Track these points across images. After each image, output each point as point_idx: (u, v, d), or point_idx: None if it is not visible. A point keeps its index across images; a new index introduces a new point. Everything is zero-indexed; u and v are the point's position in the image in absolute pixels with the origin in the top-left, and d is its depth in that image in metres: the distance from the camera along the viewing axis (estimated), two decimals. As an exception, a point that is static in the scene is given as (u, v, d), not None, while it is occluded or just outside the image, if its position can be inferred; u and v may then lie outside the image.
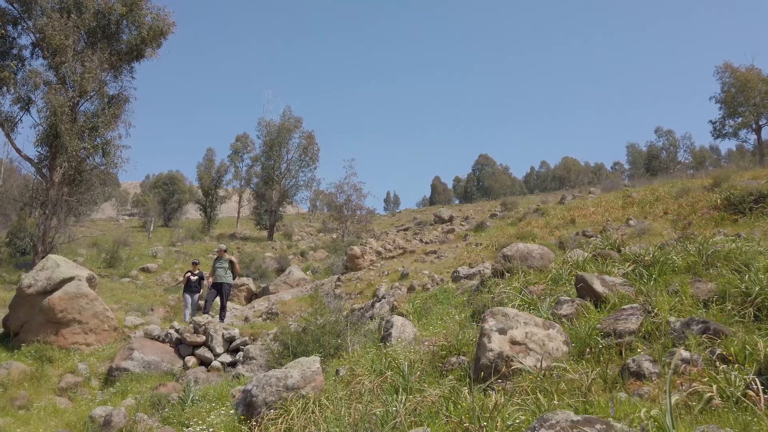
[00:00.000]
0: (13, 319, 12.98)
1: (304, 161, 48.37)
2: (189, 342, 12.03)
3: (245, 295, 21.60)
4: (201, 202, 51.77)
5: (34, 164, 25.30)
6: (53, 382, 10.85)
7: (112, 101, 26.42)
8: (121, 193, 68.89)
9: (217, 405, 7.75)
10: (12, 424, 8.78)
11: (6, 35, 25.13)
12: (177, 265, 27.00)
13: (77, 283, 12.74)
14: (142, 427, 7.74)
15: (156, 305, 18.21)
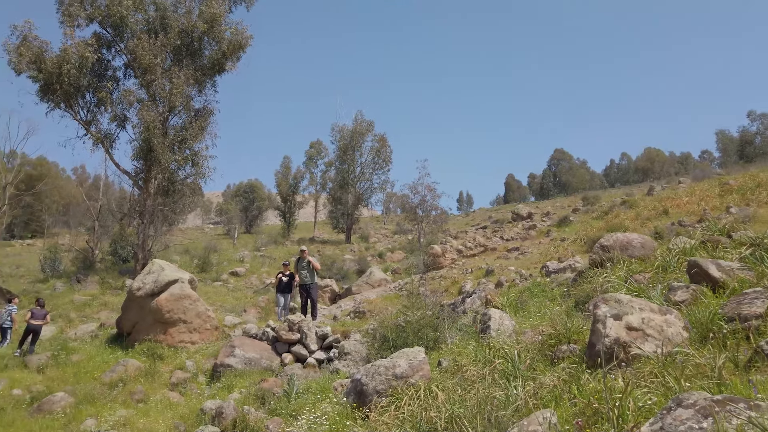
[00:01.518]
0: (125, 320, 13.99)
1: (378, 164, 48.97)
2: (284, 340, 12.46)
3: (329, 296, 22.16)
4: (280, 208, 53.56)
5: (131, 177, 27.12)
6: (165, 377, 11.59)
7: (198, 114, 27.86)
8: (205, 203, 72.38)
9: (321, 397, 8.00)
10: (135, 415, 9.46)
11: (102, 58, 27.12)
12: (263, 268, 28.07)
13: (181, 285, 13.55)
14: (252, 418, 8.11)
15: (248, 306, 19.01)
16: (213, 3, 26.85)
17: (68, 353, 13.32)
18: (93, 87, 26.58)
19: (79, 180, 61.99)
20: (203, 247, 32.14)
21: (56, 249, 30.33)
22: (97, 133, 26.73)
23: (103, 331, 15.64)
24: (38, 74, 24.88)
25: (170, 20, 26.98)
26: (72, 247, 34.57)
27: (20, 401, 10.94)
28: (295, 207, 53.44)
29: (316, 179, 56.23)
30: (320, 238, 49.48)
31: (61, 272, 27.79)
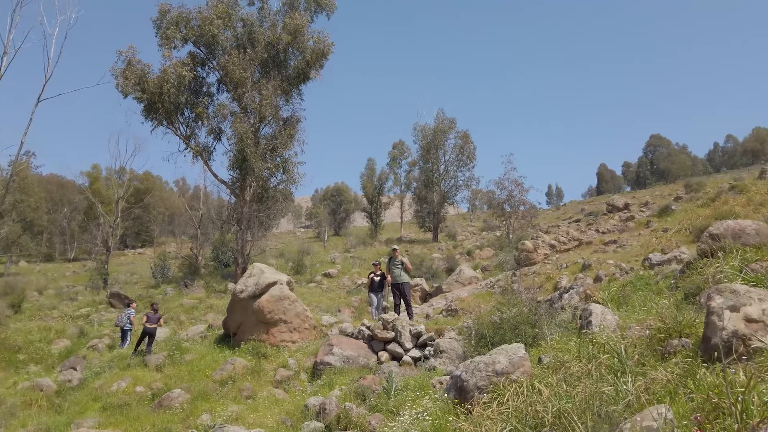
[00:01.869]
0: (230, 321, 14.84)
1: (461, 161, 48.55)
2: (380, 338, 12.69)
3: (420, 294, 22.26)
4: (366, 210, 54.51)
5: (228, 186, 28.69)
6: (270, 375, 12.18)
7: (287, 123, 28.97)
8: (295, 208, 75.05)
9: (420, 394, 8.09)
10: (245, 411, 10.03)
11: (197, 76, 28.88)
12: (354, 269, 28.71)
13: (280, 286, 14.18)
14: (354, 414, 8.34)
15: (342, 306, 19.53)
16: (296, 15, 27.84)
17: (182, 353, 14.34)
18: (190, 103, 28.39)
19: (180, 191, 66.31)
20: (296, 251, 33.37)
21: (164, 257, 32.67)
22: (196, 147, 28.54)
23: (211, 331, 16.68)
24: (142, 95, 26.94)
25: (257, 35, 28.26)
26: (178, 254, 37.11)
27: (143, 397, 11.92)
28: (381, 208, 54.18)
29: (401, 179, 56.70)
30: (407, 237, 49.81)
31: (170, 278, 29.90)
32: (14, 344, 17.67)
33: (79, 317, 22.39)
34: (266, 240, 37.49)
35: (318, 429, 8.56)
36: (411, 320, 13.45)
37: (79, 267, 47.28)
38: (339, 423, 8.34)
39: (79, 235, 59.68)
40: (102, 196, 49.41)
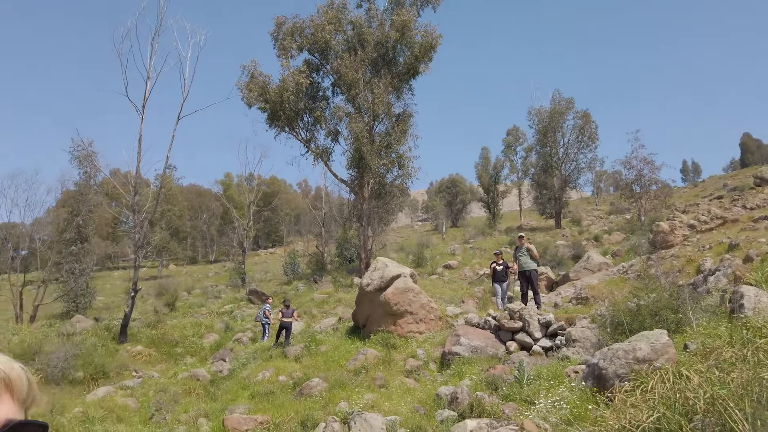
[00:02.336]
0: (359, 313, 15.46)
1: (582, 142, 46.21)
2: (507, 328, 12.55)
3: (546, 283, 21.62)
4: (483, 200, 53.77)
5: (347, 184, 29.78)
6: (400, 365, 12.53)
7: (399, 119, 29.42)
8: (411, 202, 75.93)
9: (554, 383, 7.93)
10: (379, 399, 10.44)
11: (313, 82, 30.23)
12: (474, 260, 28.53)
13: (404, 279, 14.52)
14: (487, 403, 8.36)
15: (465, 297, 19.53)
16: (402, 11, 28.17)
17: (317, 344, 15.20)
18: (309, 109, 29.83)
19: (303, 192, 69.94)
20: (416, 244, 33.84)
21: (294, 255, 34.70)
22: (316, 149, 29.95)
23: (342, 324, 17.49)
24: (265, 105, 28.78)
25: (366, 35, 28.98)
26: (305, 252, 39.19)
27: (285, 386, 12.81)
28: (498, 197, 53.17)
29: (517, 166, 55.19)
30: (528, 225, 48.45)
31: (300, 274, 31.70)
32: (172, 338, 19.78)
33: (224, 313, 24.51)
34: (386, 235, 38.43)
35: (451, 417, 8.69)
36: (539, 309, 13.15)
37: (220, 268, 51.57)
38: (472, 411, 8.40)
39: (217, 239, 65.17)
40: (235, 202, 53.46)
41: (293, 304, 22.70)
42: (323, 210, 40.91)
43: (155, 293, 31.12)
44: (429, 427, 8.75)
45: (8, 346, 16.23)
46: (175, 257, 61.36)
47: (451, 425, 7.78)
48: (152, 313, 25.39)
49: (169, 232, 51.97)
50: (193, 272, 50.67)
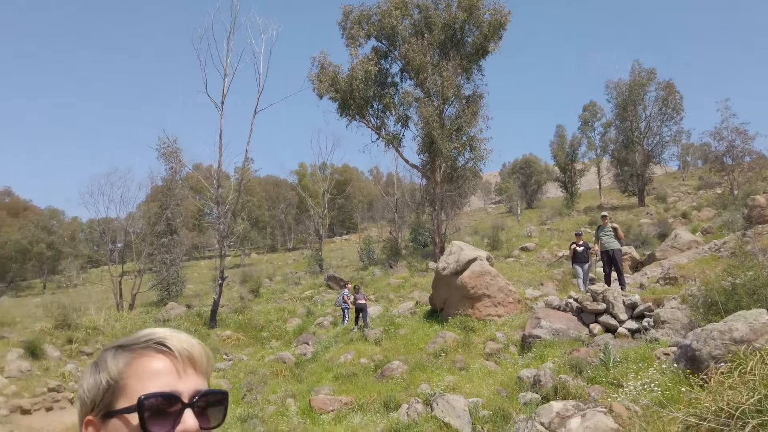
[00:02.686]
0: (436, 297, 15.55)
1: (666, 114, 43.64)
2: (590, 310, 12.21)
3: (630, 264, 20.77)
4: (560, 180, 52.10)
5: (419, 169, 29.80)
6: (479, 348, 12.54)
7: (469, 101, 29.02)
8: (484, 184, 74.85)
9: (643, 365, 7.68)
10: (460, 381, 10.51)
11: (381, 68, 30.33)
12: (552, 241, 27.82)
13: (480, 262, 14.43)
14: (571, 385, 8.23)
15: (544, 279, 19.13)
16: (469, -10, 27.63)
17: (395, 328, 15.46)
18: (378, 96, 30.00)
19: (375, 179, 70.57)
20: (490, 227, 33.41)
21: (368, 241, 35.23)
22: (386, 136, 30.13)
23: (419, 308, 17.65)
24: (335, 94, 29.23)
25: (433, 18, 28.67)
26: (380, 238, 39.70)
27: (367, 368, 13.15)
28: (575, 176, 51.30)
29: (595, 143, 52.93)
30: (608, 204, 46.55)
31: (376, 260, 32.18)
32: (258, 323, 20.73)
33: (305, 299, 25.35)
34: (459, 218, 38.16)
35: (535, 400, 8.63)
36: (623, 290, 12.70)
37: (298, 255, 53.24)
38: (556, 394, 8.29)
39: (294, 227, 67.23)
40: (309, 191, 54.82)
41: (370, 289, 23.16)
42: (395, 196, 41.17)
43: (240, 280, 32.64)
44: (512, 409, 8.73)
45: (112, 332, 17.61)
46: (256, 246, 63.95)
47: (534, 407, 7.73)
48: (238, 299, 26.68)
49: (249, 222, 54.13)
50: (273, 260, 52.63)
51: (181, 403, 0.89)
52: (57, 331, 16.37)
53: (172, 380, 0.90)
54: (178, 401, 0.89)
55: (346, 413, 10.57)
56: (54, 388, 12.42)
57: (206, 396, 0.92)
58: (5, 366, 13.02)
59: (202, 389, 0.92)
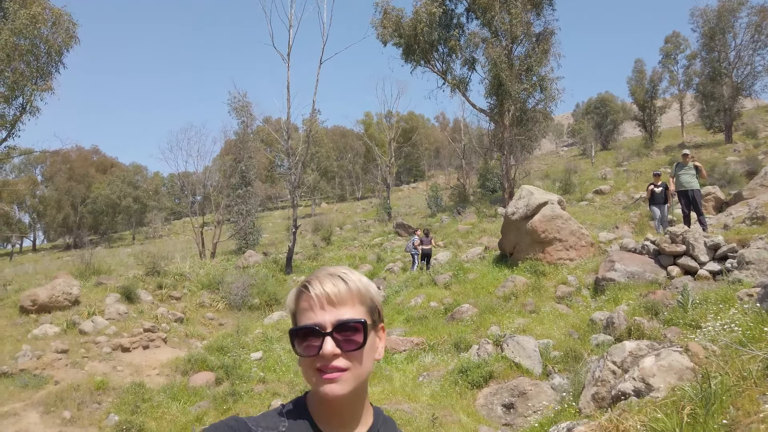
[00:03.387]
0: (505, 242, 15.46)
1: (759, 42, 39.79)
2: (668, 252, 11.78)
3: (713, 204, 19.64)
4: (638, 118, 49.29)
5: (486, 113, 29.05)
6: (550, 291, 12.46)
7: (539, 39, 27.64)
8: (556, 126, 71.99)
9: (723, 307, 7.42)
10: (530, 323, 10.56)
11: (446, 10, 29.32)
12: (629, 183, 26.68)
13: (551, 206, 14.14)
14: (646, 327, 8.10)
15: (619, 223, 18.51)
16: None
17: (464, 273, 15.58)
18: (443, 39, 29.14)
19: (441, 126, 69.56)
20: (562, 170, 32.39)
21: (436, 188, 35.14)
22: (452, 80, 29.41)
23: (488, 253, 17.64)
24: (399, 40, 28.64)
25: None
26: (447, 185, 39.48)
27: (437, 311, 13.42)
28: (655, 113, 48.25)
29: (678, 77, 49.29)
30: (691, 142, 43.77)
31: (444, 207, 32.17)
32: (331, 270, 21.42)
33: (374, 246, 25.89)
34: (529, 163, 37.15)
35: (607, 341, 8.57)
36: (705, 231, 12.11)
37: (366, 204, 53.99)
38: (630, 336, 8.19)
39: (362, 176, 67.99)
40: (376, 140, 54.93)
41: (438, 236, 23.28)
42: (462, 142, 40.51)
43: (312, 229, 33.67)
44: (583, 350, 8.73)
45: (197, 278, 18.80)
46: (325, 196, 65.36)
47: (606, 349, 7.69)
48: (311, 247, 27.63)
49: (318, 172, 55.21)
50: (342, 209, 53.68)
51: (321, 333, 1.10)
52: (148, 277, 17.67)
53: (314, 316, 1.12)
54: (317, 332, 1.10)
55: (417, 353, 10.93)
56: (149, 328, 13.54)
57: (342, 326, 1.11)
58: (105, 309, 14.28)
59: (340, 320, 1.11)
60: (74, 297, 14.29)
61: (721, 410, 3.73)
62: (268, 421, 1.18)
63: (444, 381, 8.91)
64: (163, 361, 12.56)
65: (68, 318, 13.43)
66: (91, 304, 14.39)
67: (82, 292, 14.87)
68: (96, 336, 12.81)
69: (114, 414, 9.98)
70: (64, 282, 14.53)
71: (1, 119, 17.41)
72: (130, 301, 15.29)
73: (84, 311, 13.94)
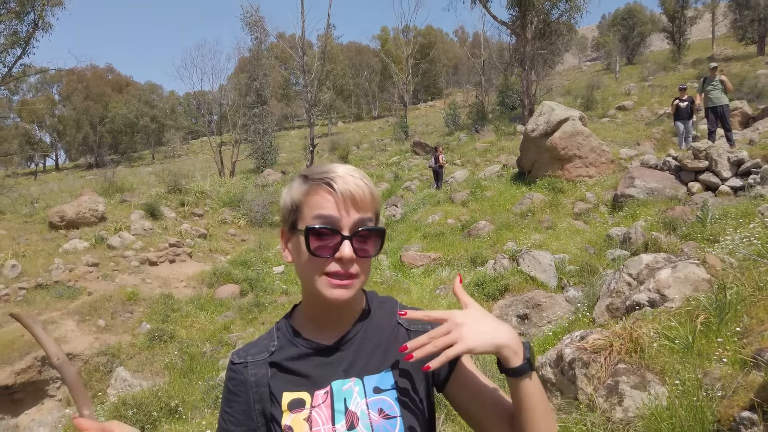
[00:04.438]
0: (524, 159, 15.33)
1: (803, -56, 36.99)
2: (690, 168, 11.64)
3: (740, 119, 19.08)
4: (667, 30, 46.94)
5: (508, 26, 27.87)
6: (567, 208, 12.49)
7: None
8: (579, 40, 69.02)
9: (743, 221, 7.41)
10: (547, 238, 10.68)
11: None
12: (653, 99, 25.87)
13: (572, 122, 13.87)
14: (663, 242, 8.15)
15: (641, 139, 18.16)
16: None
17: (482, 190, 15.60)
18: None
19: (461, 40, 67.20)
20: (585, 86, 31.38)
21: (454, 106, 34.44)
22: (474, -11, 28.04)
23: (506, 171, 17.55)
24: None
25: None
26: (465, 102, 38.65)
27: (454, 228, 13.59)
28: (685, 24, 45.86)
29: (712, -16, 46.48)
30: (721, 55, 41.86)
31: (461, 125, 31.68)
32: (349, 188, 21.57)
33: (392, 164, 25.84)
34: (551, 78, 36.03)
35: (623, 256, 8.66)
36: (731, 147, 11.87)
37: (383, 123, 53.36)
38: (647, 250, 8.27)
39: (378, 94, 66.73)
40: (392, 56, 53.36)
41: (456, 154, 23.12)
42: (482, 57, 39.17)
43: (328, 149, 33.58)
44: (599, 265, 8.87)
45: (218, 196, 19.11)
46: (342, 115, 64.59)
47: (622, 263, 7.81)
48: (328, 166, 27.59)
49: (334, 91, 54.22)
50: (359, 128, 53.15)
51: (340, 235, 1.03)
52: (170, 195, 18.00)
53: (334, 215, 1.04)
54: (337, 233, 1.03)
55: (434, 267, 11.21)
56: (174, 243, 13.97)
57: (362, 230, 1.05)
58: (131, 225, 14.69)
59: (360, 224, 1.06)
60: (100, 213, 14.69)
61: (735, 319, 3.83)
62: (259, 346, 1.16)
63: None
64: (189, 274, 13.05)
65: (96, 233, 13.88)
66: (117, 221, 14.81)
67: (107, 209, 15.26)
68: (123, 251, 13.28)
69: (146, 322, 10.54)
70: (89, 199, 14.88)
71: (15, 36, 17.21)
72: (154, 218, 15.68)
73: (110, 227, 14.37)
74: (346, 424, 1.06)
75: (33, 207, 16.75)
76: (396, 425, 1.07)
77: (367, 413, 1.07)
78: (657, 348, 3.77)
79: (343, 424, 1.06)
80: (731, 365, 3.25)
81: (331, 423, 1.06)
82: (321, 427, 1.05)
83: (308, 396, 1.09)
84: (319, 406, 1.08)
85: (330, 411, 1.07)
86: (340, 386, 1.09)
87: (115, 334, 10.27)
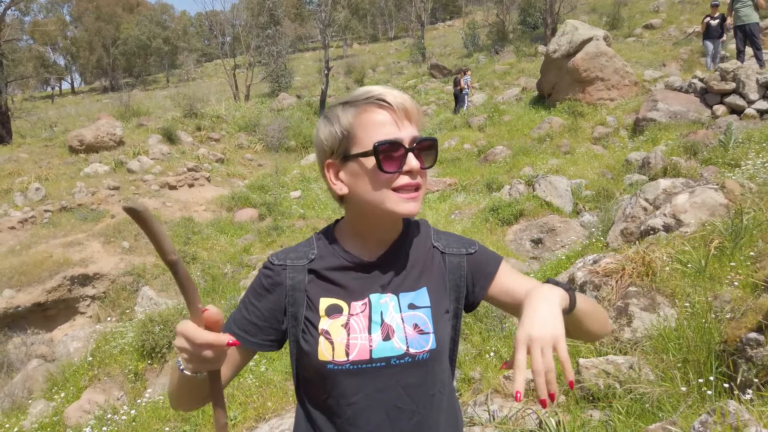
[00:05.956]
0: (544, 82, 14.92)
1: None
2: (716, 90, 11.27)
3: (773, 38, 18.20)
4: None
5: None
6: (587, 132, 12.28)
7: None
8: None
9: (766, 146, 7.27)
10: (564, 163, 10.59)
11: None
12: (683, 16, 24.58)
13: (596, 42, 13.35)
14: (683, 166, 8.04)
15: (667, 60, 17.45)
16: None
17: (500, 114, 15.32)
18: None
19: (481, -46, 63.43)
20: (611, 3, 29.85)
21: (473, 26, 33.14)
22: None
23: (525, 94, 17.13)
24: None
25: None
26: (485, 22, 37.15)
27: (470, 153, 13.49)
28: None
29: None
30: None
31: (481, 46, 30.64)
32: (364, 112, 21.31)
33: (408, 88, 25.29)
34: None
35: (641, 181, 8.60)
36: (760, 68, 11.40)
37: (399, 44, 51.67)
38: (666, 175, 8.18)
39: (395, 14, 64.17)
40: (410, -29, 50.75)
41: (474, 77, 22.48)
42: (504, -29, 37.17)
43: (344, 72, 32.86)
44: (616, 190, 8.83)
45: (233, 120, 19.02)
46: (357, 36, 62.62)
47: (640, 188, 7.77)
48: (344, 89, 27.19)
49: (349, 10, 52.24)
50: (375, 50, 51.60)
51: (404, 148, 1.05)
52: (186, 119, 17.94)
53: (394, 130, 1.05)
54: (401, 146, 1.05)
55: (450, 193, 11.24)
56: (192, 168, 14.11)
57: (422, 142, 1.08)
58: (149, 149, 14.80)
59: (418, 136, 1.08)
60: (118, 137, 14.78)
61: (750, 244, 3.83)
62: (298, 252, 1.18)
63: (475, 218, 9.24)
64: (209, 198, 13.27)
65: (115, 157, 14.03)
66: (135, 145, 14.91)
67: (124, 133, 15.32)
68: (143, 174, 13.46)
69: (169, 244, 10.84)
70: (107, 123, 14.94)
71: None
72: (171, 142, 15.74)
73: (129, 151, 14.49)
74: (382, 335, 1.10)
75: (52, 131, 16.88)
76: (429, 340, 1.12)
77: (402, 327, 1.11)
78: (669, 272, 3.82)
79: (378, 334, 1.10)
80: (742, 289, 3.31)
81: (368, 332, 1.10)
82: (358, 335, 1.10)
83: (345, 305, 1.13)
84: (357, 315, 1.12)
85: (368, 321, 1.11)
86: (377, 299, 1.13)
87: (139, 256, 10.62)
